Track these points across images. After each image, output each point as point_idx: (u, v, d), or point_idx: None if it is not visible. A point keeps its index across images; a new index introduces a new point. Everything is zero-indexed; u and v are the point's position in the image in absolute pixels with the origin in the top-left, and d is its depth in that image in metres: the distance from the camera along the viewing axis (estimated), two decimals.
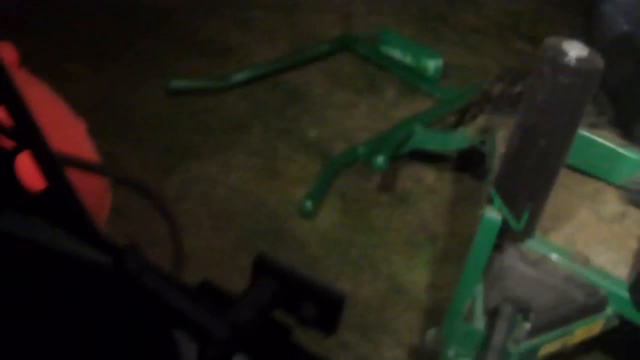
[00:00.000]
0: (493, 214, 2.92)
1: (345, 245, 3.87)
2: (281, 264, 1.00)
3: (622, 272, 3.12)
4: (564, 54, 2.75)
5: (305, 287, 0.99)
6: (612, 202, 3.53)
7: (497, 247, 3.02)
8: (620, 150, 3.52)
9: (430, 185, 4.36)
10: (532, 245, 3.08)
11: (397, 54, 5.28)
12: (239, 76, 4.78)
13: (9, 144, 1.04)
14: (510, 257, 3.07)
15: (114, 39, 5.08)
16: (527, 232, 3.06)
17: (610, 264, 3.14)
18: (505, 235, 3.02)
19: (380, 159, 3.94)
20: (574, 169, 3.50)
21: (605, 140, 3.53)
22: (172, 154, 4.13)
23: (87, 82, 4.53)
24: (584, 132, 3.36)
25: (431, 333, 3.14)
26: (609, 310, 3.03)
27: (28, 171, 1.05)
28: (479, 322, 2.91)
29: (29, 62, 1.84)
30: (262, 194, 4.00)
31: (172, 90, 4.56)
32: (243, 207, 3.92)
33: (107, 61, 4.82)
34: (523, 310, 2.88)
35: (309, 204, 3.88)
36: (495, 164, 3.45)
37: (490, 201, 3.00)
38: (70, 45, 4.87)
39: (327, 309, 0.99)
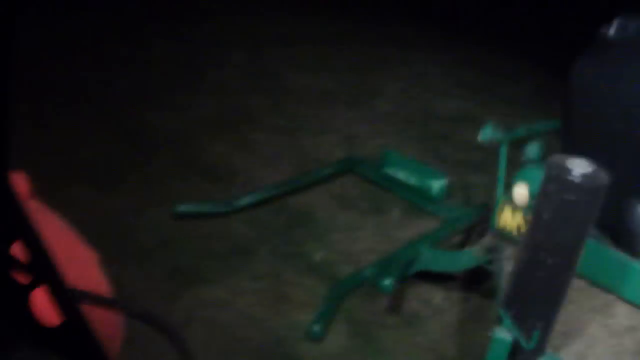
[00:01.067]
0: (503, 334, 2.92)
1: None
2: None
3: None
4: (568, 171, 2.78)
5: None
6: (622, 316, 3.51)
7: None
8: (631, 262, 3.53)
9: (438, 305, 4.33)
10: None
11: (401, 175, 5.31)
12: (244, 200, 4.80)
13: (24, 278, 1.05)
14: None
15: (119, 162, 5.15)
16: (538, 350, 3.04)
17: None
18: (516, 355, 3.00)
19: (387, 282, 3.92)
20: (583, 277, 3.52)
21: (615, 251, 3.54)
22: (179, 278, 4.12)
23: (93, 206, 4.55)
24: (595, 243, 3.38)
25: None
26: None
27: (43, 306, 1.04)
28: None
29: (34, 185, 1.86)
30: (269, 318, 3.97)
31: (178, 214, 4.59)
32: (251, 332, 3.88)
33: (112, 184, 4.87)
34: None
35: (317, 328, 3.84)
36: (503, 283, 3.45)
37: (500, 321, 2.99)
38: (75, 169, 4.93)
39: None
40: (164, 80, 6.60)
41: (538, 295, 2.92)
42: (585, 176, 2.79)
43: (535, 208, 2.92)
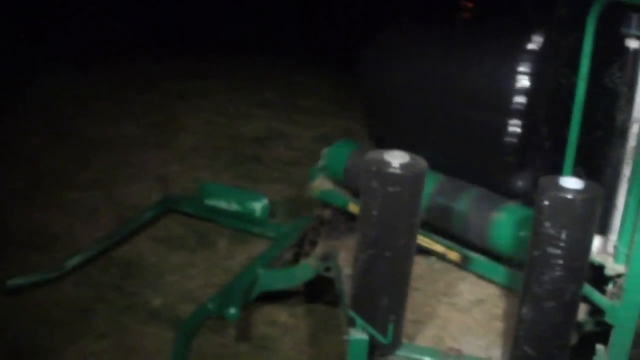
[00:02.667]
0: (359, 335, 2.94)
1: None
2: None
3: (496, 354, 3.17)
4: (388, 164, 2.83)
5: None
6: (466, 292, 3.61)
7: None
8: None
9: (284, 324, 4.34)
10: (403, 354, 3.10)
11: (222, 203, 5.29)
12: (72, 261, 4.66)
13: None
14: None
15: None
16: (396, 343, 3.08)
17: (482, 350, 3.20)
18: (375, 352, 3.03)
19: (232, 310, 3.88)
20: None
21: None
22: (22, 355, 3.94)
23: None
24: None
25: None
26: None
27: None
28: None
29: None
30: None
31: (9, 289, 4.40)
32: None
33: None
34: None
35: None
36: (345, 286, 3.48)
37: (352, 323, 3.01)
38: None
39: None
40: None
41: (383, 289, 2.96)
42: (404, 166, 2.85)
43: (362, 207, 2.95)
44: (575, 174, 3.13)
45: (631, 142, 3.06)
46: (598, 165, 3.28)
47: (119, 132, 7.00)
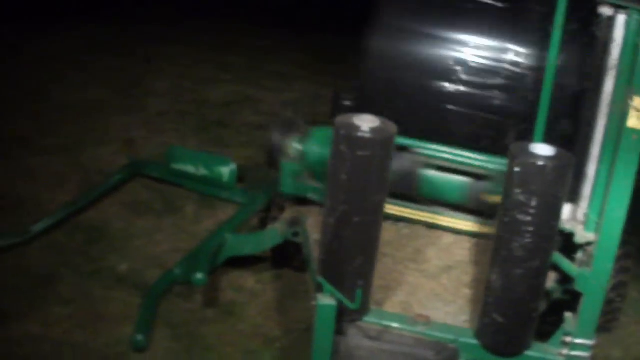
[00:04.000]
0: (327, 300, 2.93)
1: None
2: None
3: (464, 321, 3.18)
4: (357, 128, 2.81)
5: None
6: (435, 259, 3.61)
7: (338, 332, 3.01)
8: None
9: (252, 289, 4.34)
10: (371, 320, 3.10)
11: (189, 168, 5.23)
12: (37, 227, 4.60)
13: None
14: (354, 337, 3.07)
15: None
16: (364, 309, 3.07)
17: (450, 317, 3.21)
18: (343, 318, 3.02)
19: (199, 275, 3.85)
20: None
21: None
22: None
23: None
24: None
25: None
26: None
27: None
28: None
29: None
30: (89, 340, 3.83)
31: None
32: (73, 358, 3.74)
33: None
34: None
35: (140, 338, 3.74)
36: (313, 252, 3.47)
37: (320, 289, 3.00)
38: None
39: None
40: None
41: (352, 255, 2.94)
42: (374, 130, 2.82)
43: (331, 171, 2.93)
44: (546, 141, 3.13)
45: (603, 109, 3.07)
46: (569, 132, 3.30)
47: (84, 96, 6.90)
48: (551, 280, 3.20)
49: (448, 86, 3.77)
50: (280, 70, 8.11)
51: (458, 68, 3.75)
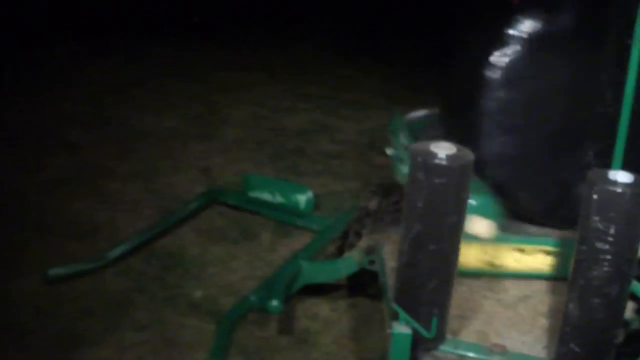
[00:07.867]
0: (402, 328, 2.88)
1: None
2: None
3: (541, 351, 3.11)
4: (434, 156, 2.77)
5: None
6: (512, 288, 3.55)
7: None
8: None
9: (326, 317, 4.30)
10: (447, 349, 3.04)
11: (266, 196, 5.23)
12: (114, 253, 4.64)
13: None
14: None
15: None
16: (439, 337, 3.02)
17: (527, 346, 3.13)
18: (418, 346, 2.97)
19: (275, 302, 3.83)
20: None
21: None
22: (61, 345, 3.90)
23: None
24: None
25: None
26: None
27: None
28: None
29: None
30: None
31: (50, 278, 4.38)
32: None
33: None
34: None
35: None
36: (389, 280, 3.43)
37: (395, 317, 2.96)
38: None
39: None
40: None
41: (428, 283, 2.90)
42: (450, 157, 2.79)
43: (408, 199, 2.89)
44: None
45: None
46: None
47: (160, 123, 6.98)
48: (629, 310, 3.11)
49: None
50: (359, 99, 8.13)
51: None
